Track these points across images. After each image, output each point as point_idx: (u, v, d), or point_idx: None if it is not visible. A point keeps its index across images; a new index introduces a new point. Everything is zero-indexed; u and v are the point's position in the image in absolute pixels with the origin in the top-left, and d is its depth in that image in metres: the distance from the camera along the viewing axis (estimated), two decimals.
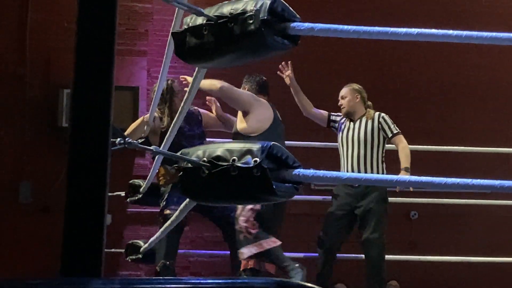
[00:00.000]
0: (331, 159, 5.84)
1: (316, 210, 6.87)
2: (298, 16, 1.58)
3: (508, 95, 8.01)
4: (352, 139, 5.61)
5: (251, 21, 1.51)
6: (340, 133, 5.72)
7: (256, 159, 1.44)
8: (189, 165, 1.51)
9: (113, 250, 6.30)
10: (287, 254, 5.45)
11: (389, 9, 7.81)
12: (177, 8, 2.32)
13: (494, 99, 7.98)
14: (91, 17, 1.61)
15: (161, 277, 4.63)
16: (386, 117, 5.68)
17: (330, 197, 5.87)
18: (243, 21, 1.52)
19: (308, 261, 5.83)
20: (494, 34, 1.54)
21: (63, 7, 7.12)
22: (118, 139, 1.89)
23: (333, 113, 5.89)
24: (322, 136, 6.47)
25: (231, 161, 1.46)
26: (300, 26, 1.54)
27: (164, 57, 2.98)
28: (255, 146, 1.46)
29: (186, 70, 6.66)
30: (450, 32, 1.55)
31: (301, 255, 6.12)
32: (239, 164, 1.45)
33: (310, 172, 1.47)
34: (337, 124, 5.82)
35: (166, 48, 2.92)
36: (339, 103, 5.76)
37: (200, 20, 1.61)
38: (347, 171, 5.54)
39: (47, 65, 7.30)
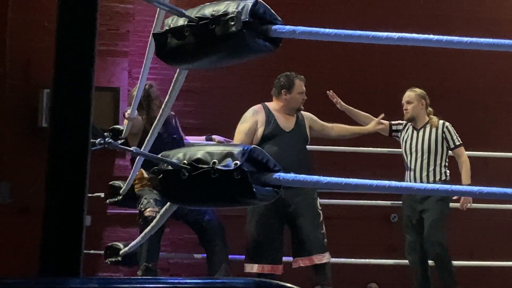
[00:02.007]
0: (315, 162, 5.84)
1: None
2: (279, 18, 1.58)
3: (485, 99, 8.07)
4: (416, 148, 5.65)
5: (232, 23, 1.51)
6: (404, 142, 5.76)
7: (236, 162, 1.43)
8: (170, 167, 1.50)
9: (92, 251, 6.26)
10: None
11: (371, 14, 7.83)
12: (158, 9, 2.32)
13: (473, 104, 8.03)
14: (72, 17, 1.60)
15: (139, 277, 4.61)
16: (450, 127, 5.71)
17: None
18: (224, 23, 1.52)
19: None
20: (474, 39, 1.55)
21: (43, 6, 7.08)
22: (98, 139, 1.88)
23: (393, 122, 5.91)
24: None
25: (211, 164, 1.45)
26: (281, 28, 1.54)
27: (145, 58, 2.97)
28: (236, 149, 1.46)
29: (168, 71, 6.64)
30: (431, 36, 1.56)
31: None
32: (219, 167, 1.44)
33: (290, 176, 1.47)
34: (399, 133, 5.85)
35: (147, 49, 2.91)
36: (404, 107, 5.76)
37: (181, 21, 1.61)
38: (411, 179, 5.64)
39: (27, 65, 7.25)
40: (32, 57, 7.19)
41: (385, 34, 1.53)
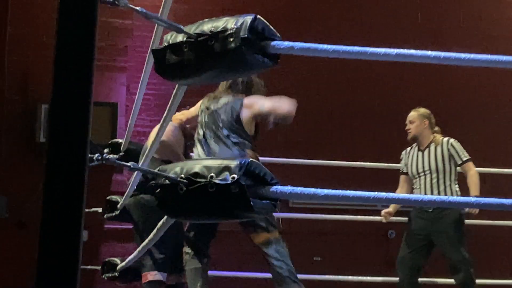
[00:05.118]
0: (310, 176, 5.84)
1: (295, 228, 6.86)
2: (278, 34, 1.59)
3: (482, 116, 8.09)
4: (423, 169, 5.54)
5: (231, 39, 1.51)
6: (410, 166, 5.64)
7: (234, 175, 1.44)
8: (167, 181, 1.50)
9: (89, 267, 6.25)
10: (261, 275, 5.36)
11: (369, 31, 7.86)
12: (157, 25, 2.33)
13: (471, 120, 8.04)
14: (70, 32, 1.61)
15: None
16: (455, 143, 5.59)
17: (309, 214, 5.85)
18: (223, 39, 1.53)
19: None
20: (471, 55, 1.55)
21: (42, 21, 7.10)
22: (96, 155, 1.88)
23: (401, 165, 5.80)
24: (300, 153, 6.47)
25: (209, 177, 1.46)
26: (280, 44, 1.55)
27: (143, 73, 2.98)
28: (233, 163, 1.46)
29: (166, 86, 6.65)
30: (429, 53, 1.57)
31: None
32: (217, 181, 1.44)
33: (288, 189, 1.47)
34: (404, 160, 5.73)
35: (145, 64, 2.92)
36: (407, 128, 5.67)
37: (180, 37, 1.61)
38: None
39: (25, 79, 7.26)
40: (30, 71, 7.20)
41: (383, 50, 1.54)
